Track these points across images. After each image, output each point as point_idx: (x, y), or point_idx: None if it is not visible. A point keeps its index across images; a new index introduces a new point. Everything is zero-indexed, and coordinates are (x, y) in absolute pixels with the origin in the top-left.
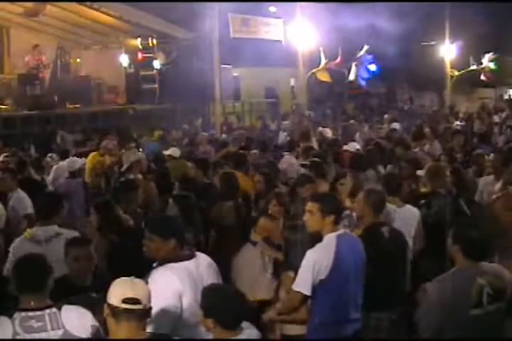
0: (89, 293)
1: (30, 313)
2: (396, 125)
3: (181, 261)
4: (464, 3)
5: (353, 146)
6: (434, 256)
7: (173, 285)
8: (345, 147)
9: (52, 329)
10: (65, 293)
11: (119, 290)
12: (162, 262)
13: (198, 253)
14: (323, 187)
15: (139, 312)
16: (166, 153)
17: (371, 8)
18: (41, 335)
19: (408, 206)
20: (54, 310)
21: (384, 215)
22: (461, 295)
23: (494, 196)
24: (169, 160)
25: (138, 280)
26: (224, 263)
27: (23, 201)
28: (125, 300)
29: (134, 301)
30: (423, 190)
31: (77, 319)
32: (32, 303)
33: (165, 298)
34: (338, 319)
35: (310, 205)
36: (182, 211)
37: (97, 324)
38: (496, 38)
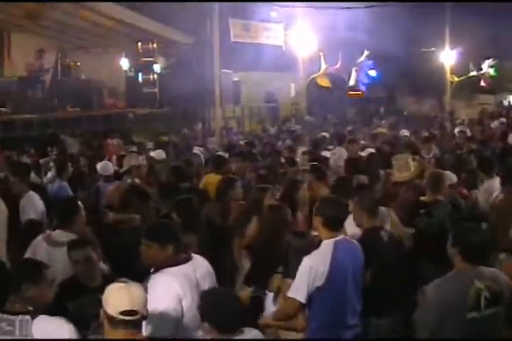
0: (98, 294)
1: (4, 316)
2: (404, 131)
3: (179, 265)
4: (464, 9)
5: (368, 152)
6: (437, 266)
7: (173, 290)
8: (362, 153)
9: (21, 335)
10: (74, 294)
11: (116, 301)
12: (159, 267)
13: (194, 256)
14: (323, 190)
15: (136, 321)
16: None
17: (371, 13)
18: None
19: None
20: (27, 317)
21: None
22: (458, 298)
23: (494, 195)
24: (153, 163)
25: (134, 287)
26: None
27: (26, 205)
28: (123, 313)
29: (132, 313)
30: (423, 198)
31: (49, 330)
32: (7, 306)
33: (165, 303)
34: (335, 325)
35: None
36: (181, 216)
37: (75, 336)
38: (495, 44)
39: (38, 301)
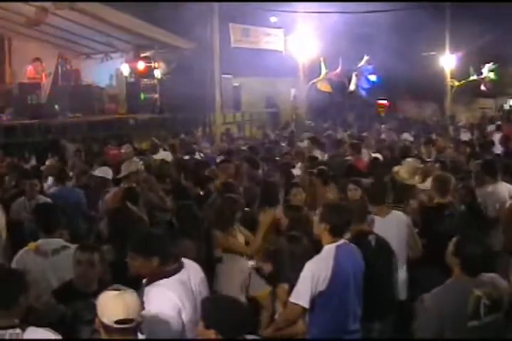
0: (92, 299)
1: None
2: (407, 136)
3: (172, 275)
4: (464, 13)
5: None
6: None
7: (171, 302)
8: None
9: None
10: (68, 298)
11: (111, 311)
12: (153, 279)
13: (187, 262)
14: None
15: (131, 328)
16: (157, 157)
17: (371, 18)
18: None
19: (394, 213)
20: (18, 331)
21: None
22: (458, 307)
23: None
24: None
25: (128, 295)
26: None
27: None
28: (118, 322)
29: (127, 321)
30: (436, 201)
31: None
32: None
33: (165, 316)
34: (337, 330)
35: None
36: (180, 222)
37: None
38: (495, 48)
39: (29, 310)
